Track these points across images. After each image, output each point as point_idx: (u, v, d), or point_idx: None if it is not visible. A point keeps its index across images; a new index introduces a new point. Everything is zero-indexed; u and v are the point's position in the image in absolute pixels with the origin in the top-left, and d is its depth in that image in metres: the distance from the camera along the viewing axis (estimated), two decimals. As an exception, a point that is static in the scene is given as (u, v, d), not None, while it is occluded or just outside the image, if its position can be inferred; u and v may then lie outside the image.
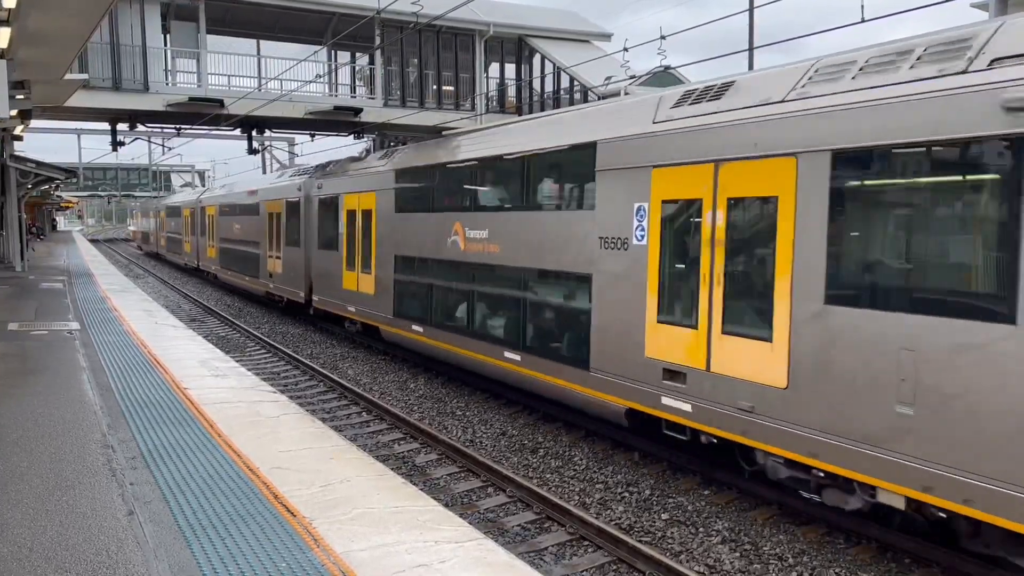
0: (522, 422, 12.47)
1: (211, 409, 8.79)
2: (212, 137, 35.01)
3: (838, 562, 7.55)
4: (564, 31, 31.69)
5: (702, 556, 7.72)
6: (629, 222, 9.93)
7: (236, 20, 27.43)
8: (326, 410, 13.38)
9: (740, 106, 8.33)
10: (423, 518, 5.69)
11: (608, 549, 7.79)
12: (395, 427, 12.29)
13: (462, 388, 14.66)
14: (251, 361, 17.26)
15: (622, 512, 8.80)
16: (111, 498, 5.92)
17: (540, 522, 8.60)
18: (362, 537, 5.29)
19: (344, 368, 16.79)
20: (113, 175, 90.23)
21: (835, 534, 8.13)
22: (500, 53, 31.51)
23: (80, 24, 10.45)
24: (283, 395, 10.32)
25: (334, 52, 29.96)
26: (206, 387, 9.97)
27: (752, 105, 8.18)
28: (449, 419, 12.71)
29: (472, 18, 28.47)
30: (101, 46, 23.83)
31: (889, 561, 7.56)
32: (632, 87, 20.68)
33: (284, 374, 16.28)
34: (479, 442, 11.49)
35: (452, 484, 9.81)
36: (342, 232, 19.33)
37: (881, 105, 6.85)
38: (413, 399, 14.04)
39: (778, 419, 7.63)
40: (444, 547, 5.17)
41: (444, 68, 29.60)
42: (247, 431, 7.93)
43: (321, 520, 5.57)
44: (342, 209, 19.35)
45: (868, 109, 6.96)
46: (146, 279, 38.86)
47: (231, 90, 26.21)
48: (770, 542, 7.98)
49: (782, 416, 7.59)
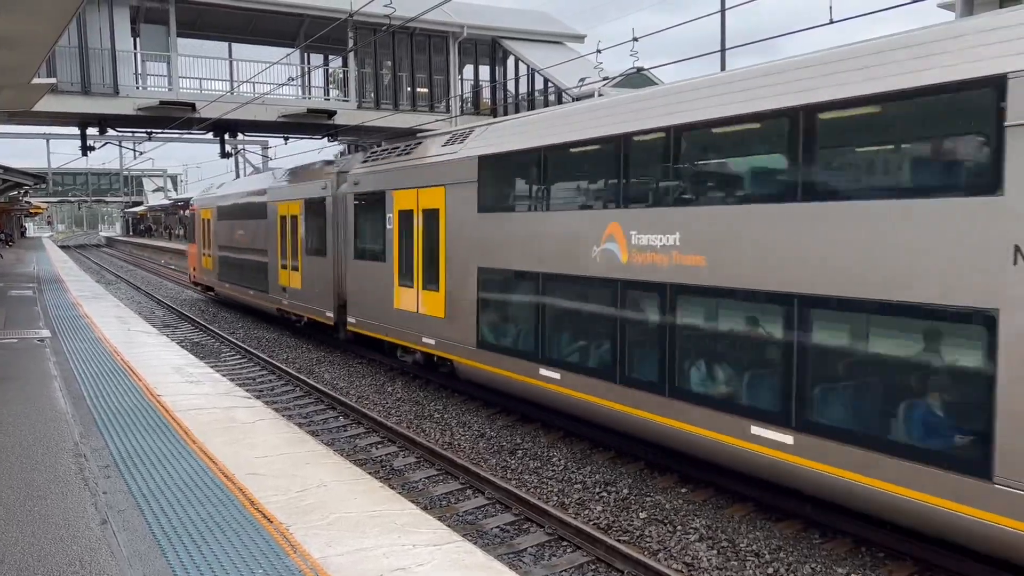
0: (500, 424, 12.47)
1: (185, 416, 8.70)
2: (184, 141, 34.67)
3: (814, 557, 7.63)
4: (537, 33, 31.77)
5: (680, 554, 7.76)
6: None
7: (207, 23, 27.21)
8: (302, 415, 13.30)
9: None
10: (401, 521, 5.68)
11: (587, 549, 7.81)
12: (373, 431, 12.24)
13: (440, 391, 14.64)
14: (226, 367, 17.11)
15: (600, 512, 8.83)
16: (84, 507, 5.85)
17: (519, 523, 8.60)
18: (339, 542, 5.26)
19: (320, 372, 16.69)
20: (83, 180, 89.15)
21: (811, 529, 8.21)
22: (474, 55, 31.53)
23: (47, 27, 10.30)
24: (258, 400, 10.25)
25: (307, 55, 29.80)
26: (180, 394, 9.87)
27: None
28: (427, 422, 12.69)
29: (445, 20, 28.45)
30: (69, 49, 23.53)
31: (864, 555, 7.65)
32: (606, 88, 20.77)
33: (259, 379, 16.16)
34: (458, 444, 11.48)
35: (430, 487, 9.79)
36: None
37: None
38: (391, 402, 13.99)
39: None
40: (422, 550, 5.16)
41: (418, 70, 29.56)
42: (222, 437, 7.86)
43: (298, 525, 5.54)
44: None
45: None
46: (118, 285, 38.39)
47: (203, 93, 26.02)
48: (747, 539, 8.05)
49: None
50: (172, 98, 24.77)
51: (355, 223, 16.94)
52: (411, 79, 29.42)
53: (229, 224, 26.27)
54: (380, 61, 28.90)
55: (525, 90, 30.87)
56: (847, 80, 7.25)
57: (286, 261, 20.90)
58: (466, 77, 31.76)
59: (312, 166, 21.16)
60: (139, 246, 75.96)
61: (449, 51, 29.92)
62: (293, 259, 20.38)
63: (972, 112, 6.48)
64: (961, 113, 6.61)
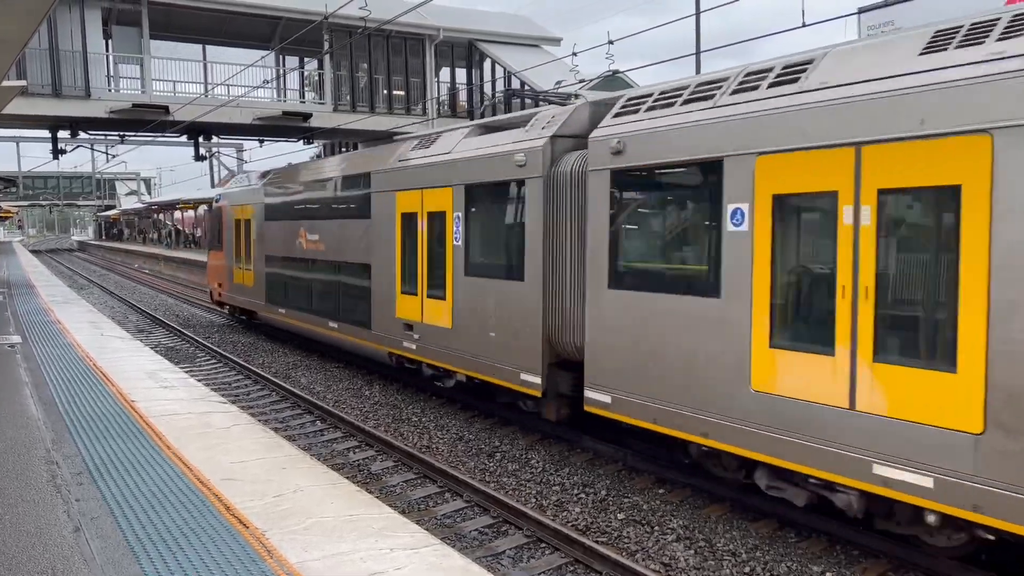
0: (479, 426, 12.47)
1: (160, 421, 8.62)
2: (158, 144, 34.34)
3: (790, 556, 7.70)
4: (514, 35, 31.85)
5: (658, 555, 7.80)
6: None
7: (180, 25, 27.02)
8: (279, 420, 13.21)
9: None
10: (378, 525, 5.66)
11: (565, 550, 7.83)
12: (350, 435, 12.18)
13: (418, 395, 14.61)
14: (201, 372, 16.96)
15: (579, 513, 8.85)
16: (56, 515, 5.78)
17: (497, 526, 8.60)
18: (316, 546, 5.24)
19: (297, 377, 16.59)
20: (55, 183, 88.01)
21: (786, 529, 8.28)
22: (451, 57, 31.55)
23: (17, 29, 10.17)
24: (234, 405, 10.17)
25: (282, 57, 29.66)
26: (154, 399, 9.78)
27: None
28: (405, 425, 12.65)
29: (421, 23, 28.45)
30: (40, 52, 23.25)
31: (839, 553, 7.73)
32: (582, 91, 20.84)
33: (235, 384, 16.03)
34: (436, 448, 11.46)
35: (408, 491, 9.76)
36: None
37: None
38: (368, 406, 13.94)
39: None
40: (399, 554, 5.15)
41: (394, 72, 29.53)
42: (197, 442, 7.80)
43: (274, 531, 5.51)
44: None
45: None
46: (91, 290, 37.94)
47: (176, 96, 25.81)
48: (723, 538, 8.11)
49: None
50: (145, 100, 24.55)
51: (614, 223, 9.35)
52: (387, 81, 29.37)
53: (289, 226, 18.88)
54: (356, 63, 28.82)
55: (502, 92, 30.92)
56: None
57: (417, 283, 13.40)
58: (442, 79, 31.79)
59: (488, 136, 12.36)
60: (112, 250, 75.08)
61: (425, 53, 29.91)
62: (434, 280, 12.90)
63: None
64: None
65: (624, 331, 9.11)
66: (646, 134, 8.85)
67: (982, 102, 5.98)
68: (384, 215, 14.36)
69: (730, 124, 7.98)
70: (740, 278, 7.88)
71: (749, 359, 7.75)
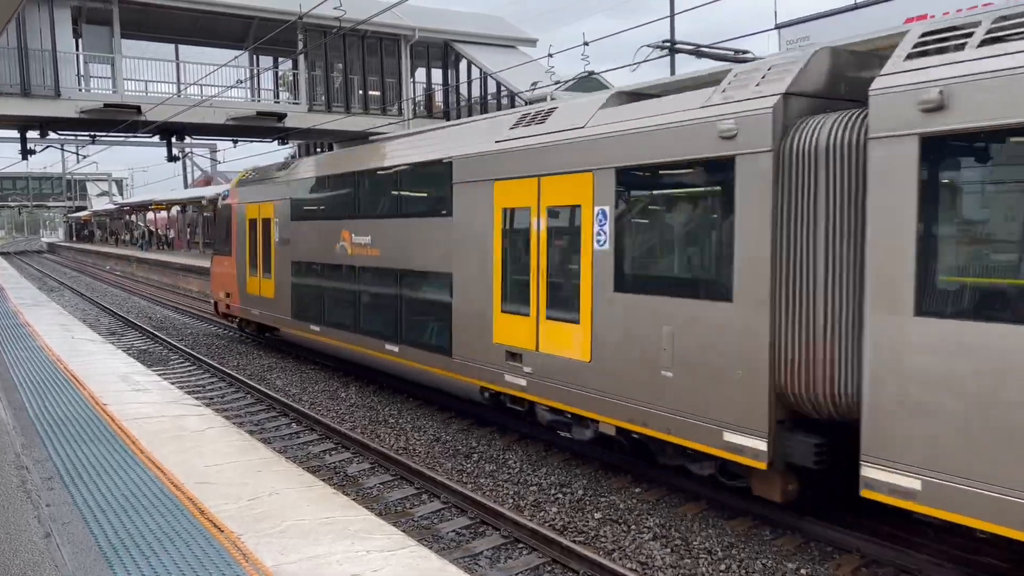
0: (456, 427, 12.45)
1: (132, 425, 8.52)
2: (130, 144, 33.95)
3: (765, 553, 7.77)
4: (490, 36, 31.84)
5: (634, 553, 7.83)
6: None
7: (152, 24, 26.73)
8: (254, 422, 13.11)
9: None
10: (355, 528, 5.64)
11: (542, 550, 7.84)
12: (326, 437, 12.12)
13: (394, 396, 14.55)
14: (174, 374, 16.78)
15: (556, 513, 8.87)
16: (26, 520, 5.69)
17: (475, 527, 8.60)
18: (292, 550, 5.21)
19: (272, 379, 16.47)
20: (24, 184, 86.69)
21: (762, 526, 8.35)
22: (426, 58, 31.49)
23: (-16, 27, 10.02)
24: (208, 408, 10.09)
25: (256, 57, 29.44)
26: (127, 402, 9.66)
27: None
28: (382, 427, 12.60)
29: (397, 23, 28.37)
30: (8, 51, 22.90)
31: (813, 550, 7.81)
32: (558, 92, 20.89)
33: (209, 387, 15.88)
34: (412, 449, 11.42)
35: (385, 492, 9.73)
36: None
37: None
38: (344, 408, 13.87)
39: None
40: (376, 556, 5.13)
41: (370, 73, 29.42)
42: (171, 446, 7.72)
43: (249, 534, 5.46)
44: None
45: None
46: (61, 292, 37.40)
47: (148, 96, 25.53)
48: (700, 536, 8.16)
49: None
50: (116, 100, 24.26)
51: (927, 216, 6.37)
52: (363, 82, 29.26)
53: (327, 227, 15.65)
54: (331, 63, 28.69)
55: (478, 93, 30.92)
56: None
57: (529, 299, 10.41)
58: (418, 80, 31.72)
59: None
60: (83, 252, 74.07)
61: (401, 54, 29.83)
62: (558, 296, 10.03)
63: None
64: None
65: (960, 381, 6.07)
66: (997, 79, 5.87)
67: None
68: (473, 211, 11.30)
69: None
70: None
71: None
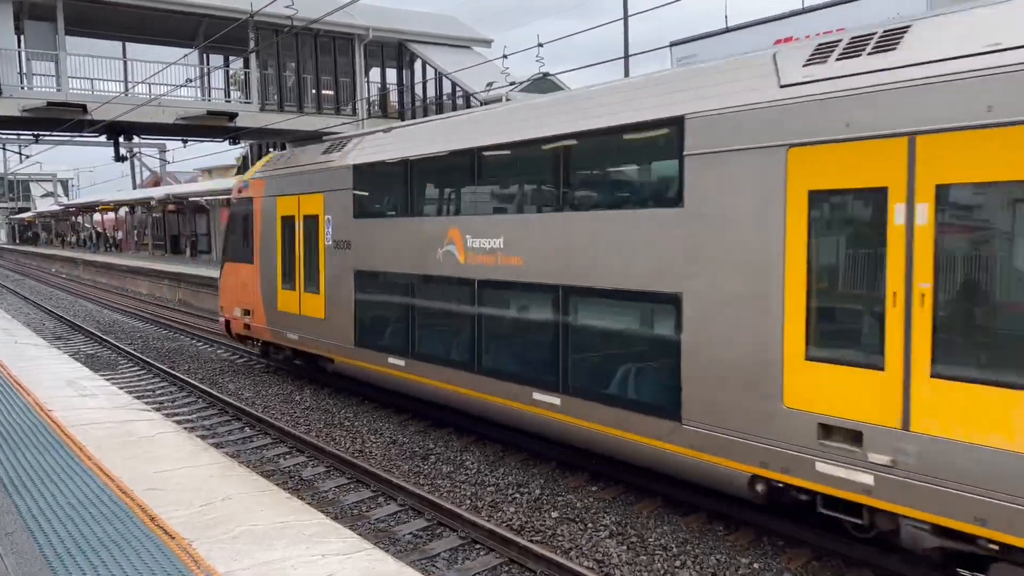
0: (413, 429, 12.39)
1: (79, 431, 8.32)
2: (75, 144, 33.10)
3: (719, 548, 7.88)
4: (444, 36, 31.75)
5: (591, 551, 7.88)
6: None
7: (98, 20, 26.10)
8: (206, 427, 12.88)
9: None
10: (309, 532, 5.58)
11: (500, 551, 7.84)
12: (280, 441, 11.96)
13: (350, 399, 14.42)
14: (123, 379, 16.42)
15: (513, 513, 8.88)
16: (-33, 532, 5.52)
17: (432, 528, 8.57)
18: (246, 555, 5.13)
19: (224, 383, 16.20)
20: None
21: (715, 522, 8.47)
22: (381, 57, 31.27)
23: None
24: (158, 413, 9.91)
25: (206, 55, 28.95)
26: (73, 408, 9.43)
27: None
28: (337, 430, 12.49)
29: (350, 22, 28.13)
30: (-54, 47, 22.18)
31: (765, 544, 7.95)
32: (513, 93, 20.94)
33: (160, 391, 15.57)
34: (369, 452, 11.34)
35: (341, 496, 9.64)
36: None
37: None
38: (299, 411, 13.71)
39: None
40: (332, 559, 5.08)
41: (323, 72, 29.14)
42: (120, 452, 7.55)
43: (202, 540, 5.37)
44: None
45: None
46: (3, 296, 36.33)
47: (95, 94, 24.92)
48: (655, 533, 8.24)
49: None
50: (61, 99, 23.62)
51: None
52: (316, 81, 28.95)
53: (419, 226, 11.75)
54: (284, 62, 28.33)
55: (433, 94, 30.82)
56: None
57: (866, 344, 6.59)
58: (373, 80, 31.49)
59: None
60: (27, 254, 72.02)
61: (355, 53, 29.58)
62: (979, 351, 5.95)
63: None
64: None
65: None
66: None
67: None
68: (735, 197, 7.49)
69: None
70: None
71: None
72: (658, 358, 8.30)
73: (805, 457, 6.87)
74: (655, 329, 8.45)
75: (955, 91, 5.94)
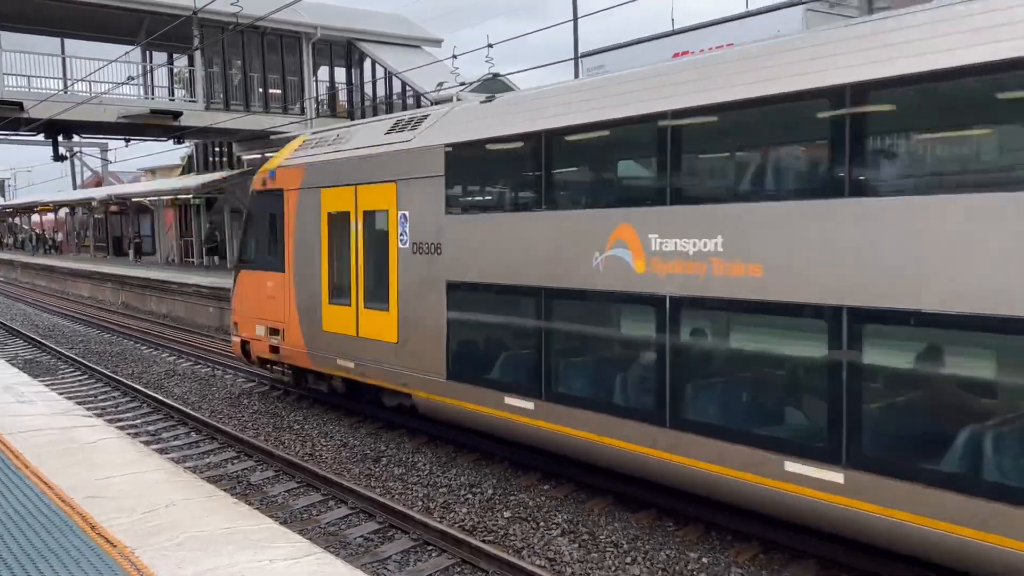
0: (364, 431, 12.28)
1: (17, 439, 8.07)
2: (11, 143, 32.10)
3: (668, 544, 7.97)
4: (394, 36, 31.56)
5: (543, 550, 7.91)
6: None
7: (36, 16, 25.35)
8: (151, 432, 12.60)
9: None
10: (257, 537, 5.50)
11: (452, 552, 7.82)
12: (228, 446, 11.75)
13: (300, 402, 14.23)
14: (63, 384, 15.96)
15: (466, 514, 8.87)
16: None
17: (383, 531, 8.51)
18: (191, 562, 5.03)
19: (170, 387, 15.86)
20: None
21: (665, 518, 8.56)
22: (329, 56, 30.95)
23: None
24: (100, 419, 9.67)
25: (149, 52, 28.33)
26: (10, 415, 9.15)
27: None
28: (287, 434, 12.32)
29: (298, 20, 27.79)
30: None
31: (714, 539, 8.06)
32: (464, 92, 20.90)
33: (102, 396, 15.17)
34: (319, 455, 11.21)
35: (291, 500, 9.51)
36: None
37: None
38: (247, 415, 13.48)
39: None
40: (279, 565, 5.02)
41: (270, 71, 28.75)
42: (60, 460, 7.35)
43: (144, 548, 5.25)
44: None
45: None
46: (-63, 300, 35.03)
47: (32, 92, 24.20)
48: (606, 530, 8.31)
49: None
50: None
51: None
52: (263, 80, 28.54)
53: (555, 223, 8.94)
54: (230, 60, 27.87)
55: (383, 93, 30.60)
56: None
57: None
58: (322, 79, 31.15)
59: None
60: (-39, 257, 69.60)
61: (303, 52, 29.23)
62: None
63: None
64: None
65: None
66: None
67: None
68: None
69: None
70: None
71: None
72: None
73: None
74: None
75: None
